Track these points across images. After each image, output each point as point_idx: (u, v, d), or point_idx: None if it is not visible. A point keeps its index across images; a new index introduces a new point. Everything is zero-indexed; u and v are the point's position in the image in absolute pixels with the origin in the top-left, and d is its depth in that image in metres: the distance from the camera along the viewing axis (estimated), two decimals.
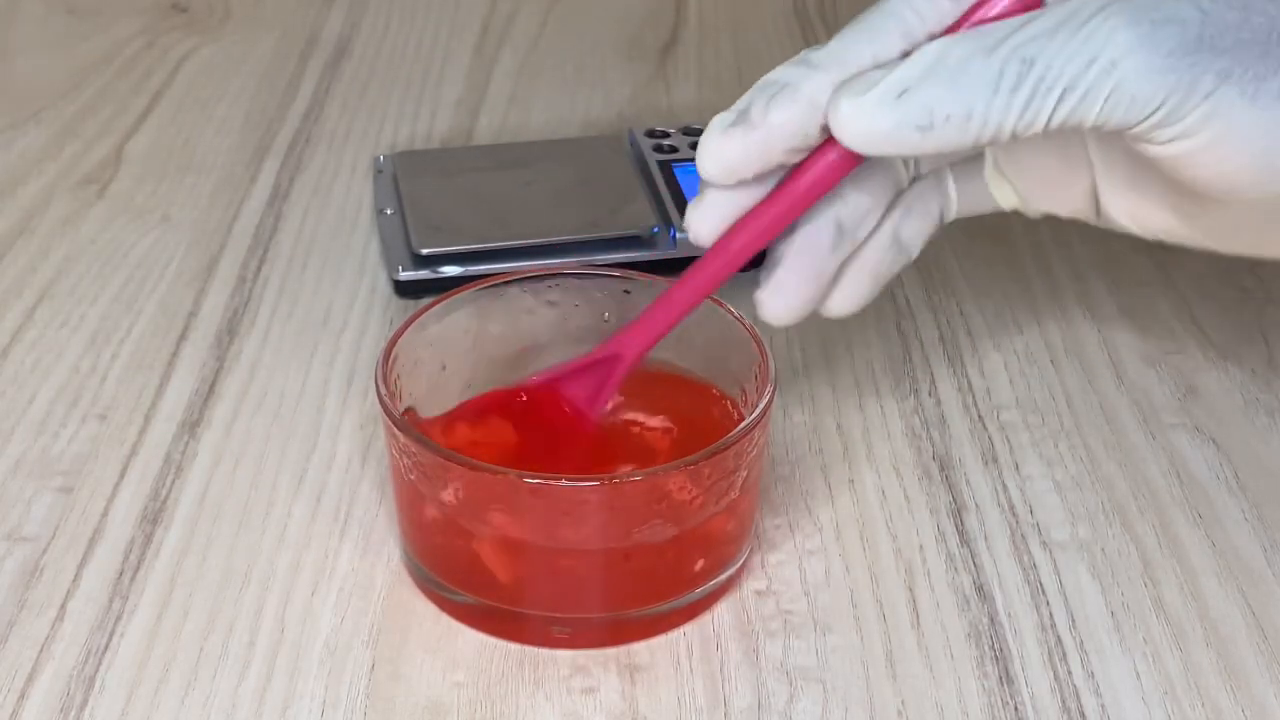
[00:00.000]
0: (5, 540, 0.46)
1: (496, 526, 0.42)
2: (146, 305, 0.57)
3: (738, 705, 0.41)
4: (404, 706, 0.41)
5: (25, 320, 0.56)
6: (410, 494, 0.43)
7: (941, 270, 0.59)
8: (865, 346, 0.55)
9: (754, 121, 0.39)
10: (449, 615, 0.44)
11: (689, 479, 0.42)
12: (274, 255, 0.60)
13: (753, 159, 0.40)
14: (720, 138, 0.40)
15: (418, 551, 0.44)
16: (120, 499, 0.48)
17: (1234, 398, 0.52)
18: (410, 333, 0.45)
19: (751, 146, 0.40)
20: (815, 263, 0.43)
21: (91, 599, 0.44)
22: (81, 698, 0.41)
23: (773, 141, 0.39)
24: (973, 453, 0.50)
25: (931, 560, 0.45)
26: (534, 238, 0.57)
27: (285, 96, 0.72)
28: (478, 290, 0.47)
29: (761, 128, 0.39)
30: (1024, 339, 0.55)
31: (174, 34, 0.78)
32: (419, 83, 0.73)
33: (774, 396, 0.43)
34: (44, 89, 0.72)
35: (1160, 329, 0.55)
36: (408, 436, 0.42)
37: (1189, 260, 0.59)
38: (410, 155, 0.64)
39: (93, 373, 0.53)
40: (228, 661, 0.42)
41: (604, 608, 0.43)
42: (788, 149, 0.40)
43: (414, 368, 0.46)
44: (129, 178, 0.65)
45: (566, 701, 0.41)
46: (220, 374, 0.53)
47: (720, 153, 0.40)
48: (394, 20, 0.79)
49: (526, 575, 0.43)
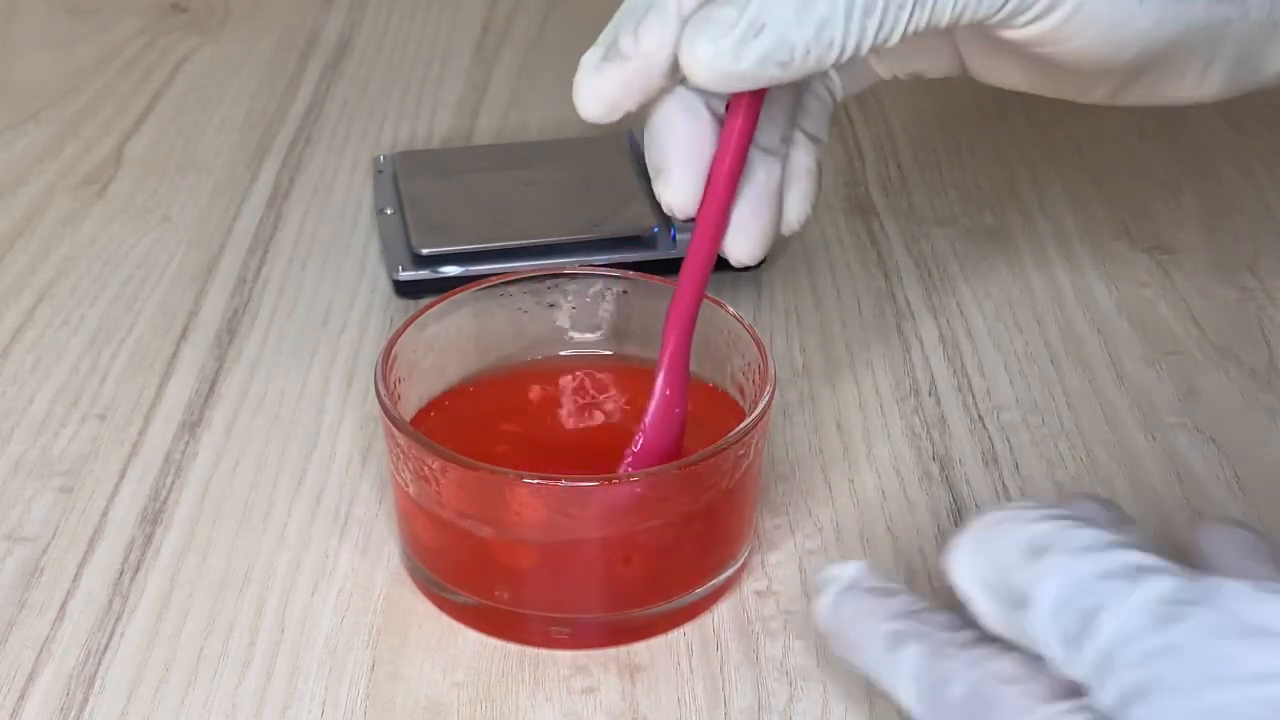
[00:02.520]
0: (5, 540, 0.46)
1: (496, 526, 0.42)
2: (146, 305, 0.57)
3: (738, 705, 0.41)
4: (404, 707, 0.41)
5: (25, 320, 0.56)
6: (409, 495, 0.43)
7: (941, 270, 0.59)
8: (865, 346, 0.55)
9: (626, 52, 0.39)
10: (449, 616, 0.44)
11: (689, 479, 0.42)
12: (274, 255, 0.60)
13: (634, 90, 0.39)
14: (595, 76, 0.39)
15: (417, 552, 0.44)
16: (120, 499, 0.48)
17: (1234, 398, 0.52)
18: (410, 333, 0.45)
19: (631, 79, 0.39)
20: (761, 192, 0.43)
21: (91, 599, 0.44)
22: (81, 698, 0.41)
23: (651, 69, 0.39)
24: (973, 453, 0.50)
25: (932, 560, 0.45)
26: (534, 238, 0.57)
27: (285, 96, 0.72)
28: (477, 290, 0.47)
29: (636, 56, 0.39)
30: (1024, 339, 0.55)
31: (174, 34, 0.78)
32: (419, 83, 0.73)
33: (773, 396, 0.43)
34: (44, 89, 0.72)
35: (1160, 329, 0.55)
36: (407, 437, 0.42)
37: (1189, 260, 0.59)
38: (410, 155, 0.64)
39: (93, 373, 0.53)
40: (227, 662, 0.42)
41: (604, 608, 0.43)
42: (666, 71, 0.39)
43: (414, 368, 0.46)
44: (129, 178, 0.65)
45: (566, 701, 0.41)
46: (220, 374, 0.53)
47: (599, 91, 0.40)
48: (394, 20, 0.79)
49: (526, 575, 0.43)
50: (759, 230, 0.43)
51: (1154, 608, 0.32)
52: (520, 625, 0.43)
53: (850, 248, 0.60)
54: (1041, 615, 0.33)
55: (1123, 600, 0.32)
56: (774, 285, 0.58)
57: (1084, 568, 0.33)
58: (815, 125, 0.45)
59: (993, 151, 0.67)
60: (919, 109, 0.70)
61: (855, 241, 0.61)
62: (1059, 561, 0.34)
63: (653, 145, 0.42)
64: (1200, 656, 0.31)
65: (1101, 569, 0.33)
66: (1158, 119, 0.69)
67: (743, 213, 0.43)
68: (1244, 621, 0.31)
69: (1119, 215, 0.62)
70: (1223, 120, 0.69)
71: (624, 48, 0.39)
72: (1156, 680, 0.31)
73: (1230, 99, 0.44)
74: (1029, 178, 0.65)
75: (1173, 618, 0.31)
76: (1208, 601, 0.31)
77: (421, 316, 0.46)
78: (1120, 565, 0.33)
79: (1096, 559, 0.33)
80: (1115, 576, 0.33)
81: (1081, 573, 0.33)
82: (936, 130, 0.68)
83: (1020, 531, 0.35)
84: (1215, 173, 0.65)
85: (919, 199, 0.63)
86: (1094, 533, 0.34)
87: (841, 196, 0.64)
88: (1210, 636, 0.31)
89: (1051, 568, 0.34)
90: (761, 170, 0.43)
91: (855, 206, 0.63)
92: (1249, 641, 0.30)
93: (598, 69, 0.39)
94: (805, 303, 0.57)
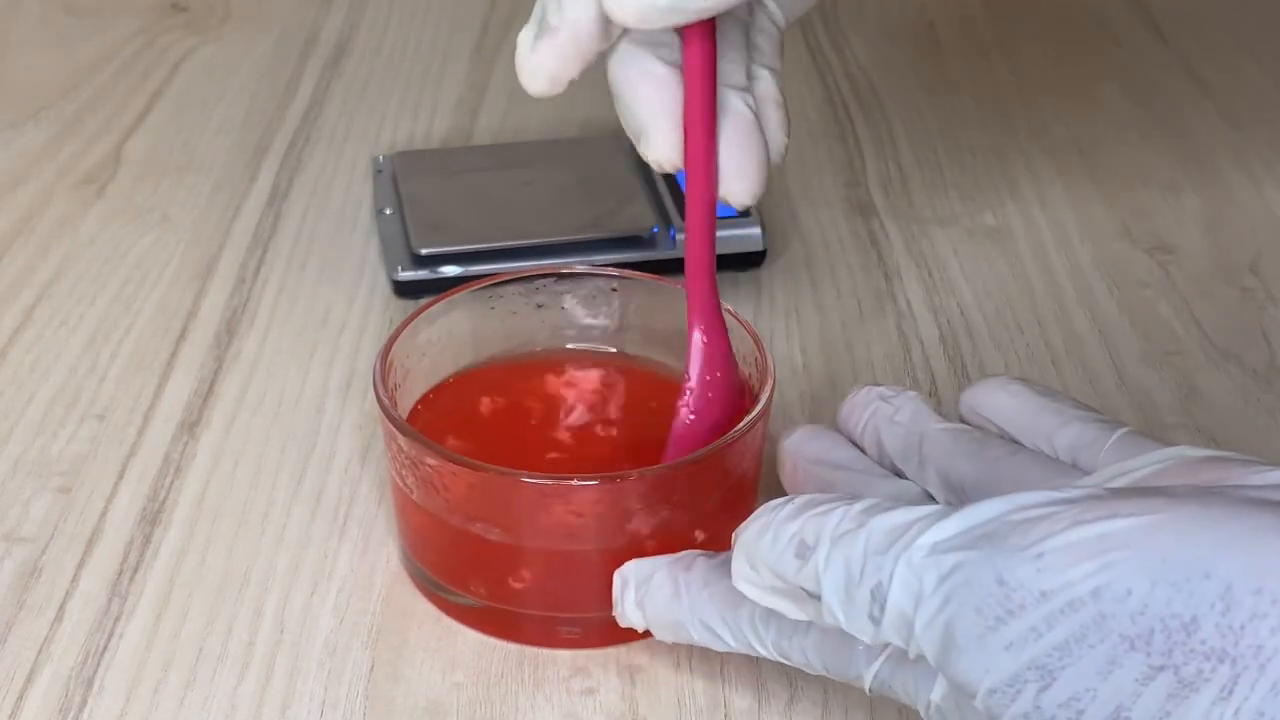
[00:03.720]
0: (4, 541, 0.46)
1: (500, 526, 0.42)
2: (145, 305, 0.57)
3: (738, 706, 0.41)
4: (403, 707, 0.41)
5: (24, 320, 0.56)
6: (409, 495, 0.43)
7: (941, 270, 0.59)
8: (865, 346, 0.55)
9: (554, 24, 0.40)
10: (451, 618, 0.43)
11: (691, 477, 0.41)
12: (273, 255, 0.60)
13: (569, 59, 0.40)
14: (532, 54, 0.40)
15: (418, 554, 0.44)
16: (119, 499, 0.48)
17: (1235, 398, 0.52)
18: (408, 333, 0.45)
19: (564, 47, 0.40)
20: (742, 125, 0.42)
21: (90, 600, 0.44)
22: (80, 698, 0.41)
23: (580, 34, 0.40)
24: None
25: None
26: (534, 238, 0.57)
27: (284, 96, 0.72)
28: (476, 290, 0.47)
29: (564, 25, 0.40)
30: (1024, 339, 0.55)
31: (173, 34, 0.78)
32: (419, 83, 0.73)
33: (774, 392, 0.43)
34: (43, 89, 0.72)
35: (1161, 329, 0.55)
36: (407, 437, 0.42)
37: (1190, 260, 0.59)
38: (410, 155, 0.64)
39: (91, 373, 0.53)
40: (226, 662, 0.42)
41: (606, 607, 0.43)
42: (597, 34, 0.40)
43: (413, 368, 0.46)
44: (128, 178, 0.65)
45: (566, 702, 0.41)
46: (219, 374, 0.53)
47: (538, 68, 0.40)
48: (394, 20, 0.79)
49: (528, 575, 0.43)
50: (752, 165, 0.43)
51: (929, 563, 0.32)
52: (523, 626, 0.43)
53: (850, 248, 0.60)
54: (835, 608, 0.34)
55: (898, 567, 0.33)
56: (774, 285, 0.58)
57: (853, 550, 0.34)
58: (769, 58, 0.45)
59: (993, 151, 0.67)
60: (919, 109, 0.70)
61: (855, 241, 0.61)
62: (828, 554, 0.34)
63: (623, 113, 0.42)
64: (987, 594, 0.31)
65: (870, 545, 0.34)
66: (1158, 119, 0.69)
67: (730, 151, 0.42)
68: (1016, 547, 0.31)
69: (1119, 215, 0.62)
70: (1223, 120, 0.69)
71: (551, 21, 0.40)
72: (957, 629, 0.32)
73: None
74: (1029, 178, 0.65)
75: (949, 566, 0.32)
76: (979, 537, 0.32)
77: (420, 316, 0.46)
78: (884, 532, 0.33)
79: (860, 537, 0.34)
80: (882, 549, 0.33)
81: (853, 555, 0.34)
82: (936, 130, 0.68)
83: (782, 533, 0.35)
84: (1216, 173, 0.65)
85: (919, 199, 0.63)
86: (850, 508, 0.35)
87: (841, 196, 0.64)
88: (990, 572, 0.32)
89: (824, 561, 0.34)
90: (735, 104, 0.43)
91: (855, 206, 0.63)
92: (1027, 565, 0.31)
93: (533, 47, 0.40)
94: (805, 303, 0.57)
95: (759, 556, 0.36)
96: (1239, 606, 0.29)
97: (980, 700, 0.32)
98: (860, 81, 0.73)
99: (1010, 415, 0.43)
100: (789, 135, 0.45)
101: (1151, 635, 0.30)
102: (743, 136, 0.42)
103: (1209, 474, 0.36)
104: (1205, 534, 0.30)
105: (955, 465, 0.42)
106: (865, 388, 0.46)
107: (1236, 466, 0.35)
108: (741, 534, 0.37)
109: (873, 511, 0.34)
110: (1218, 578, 0.30)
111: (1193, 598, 0.30)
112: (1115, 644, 0.30)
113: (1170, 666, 0.30)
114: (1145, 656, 0.30)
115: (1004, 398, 0.43)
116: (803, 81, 0.73)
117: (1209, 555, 0.30)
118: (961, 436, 0.43)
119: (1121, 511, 0.31)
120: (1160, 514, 0.31)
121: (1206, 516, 0.31)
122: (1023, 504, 0.32)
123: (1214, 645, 0.29)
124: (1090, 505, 0.32)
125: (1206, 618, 0.29)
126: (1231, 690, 0.29)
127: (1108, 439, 0.41)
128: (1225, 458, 0.36)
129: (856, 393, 0.46)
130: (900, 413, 0.44)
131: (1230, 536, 0.30)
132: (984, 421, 0.44)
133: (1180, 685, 0.30)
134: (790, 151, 0.45)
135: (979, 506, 0.33)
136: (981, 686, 0.32)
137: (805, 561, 0.35)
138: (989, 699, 0.32)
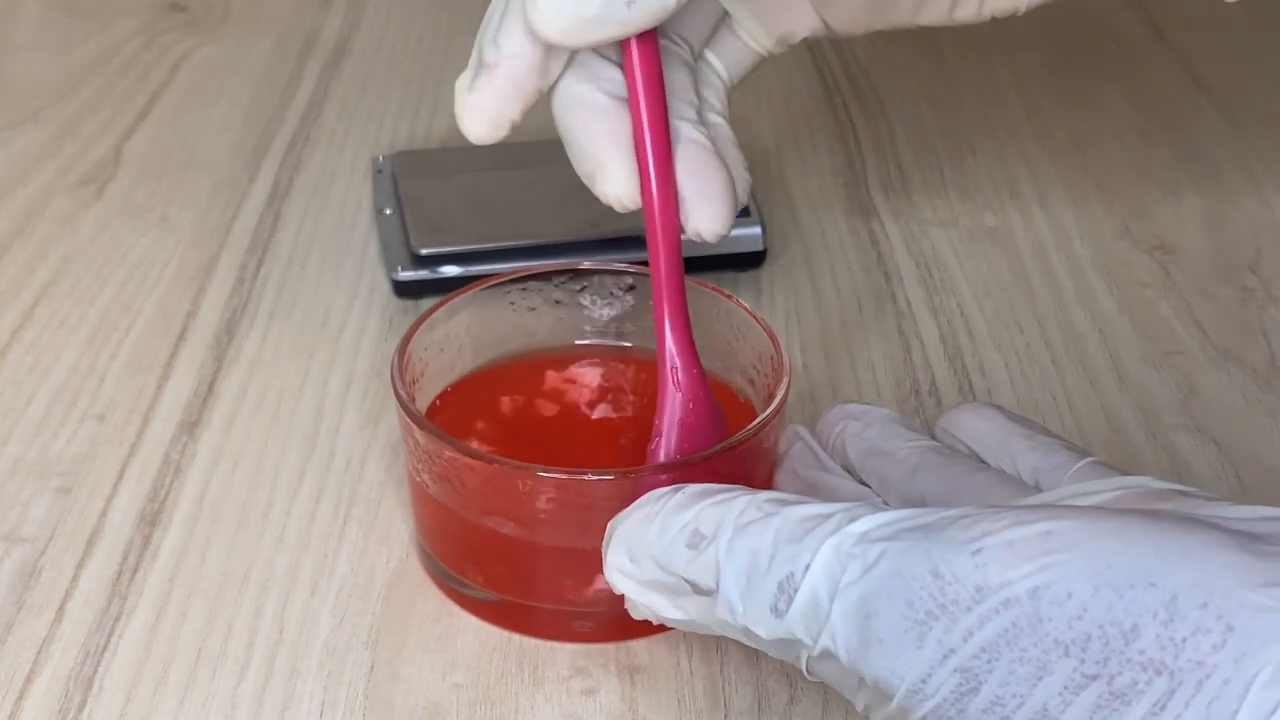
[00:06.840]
0: (3, 541, 0.46)
1: (512, 520, 0.42)
2: (145, 305, 0.57)
3: (738, 707, 0.41)
4: (403, 707, 0.41)
5: (24, 320, 0.56)
6: (426, 489, 0.43)
7: (941, 270, 0.59)
8: (865, 346, 0.55)
9: (491, 62, 0.39)
10: (466, 611, 0.43)
11: (709, 473, 0.41)
12: (273, 255, 0.60)
13: (509, 98, 0.39)
14: (471, 96, 0.39)
15: (434, 547, 0.44)
16: (119, 500, 0.48)
17: (1235, 398, 0.52)
18: (423, 330, 0.45)
19: (503, 87, 0.39)
20: (701, 153, 0.41)
21: (90, 600, 0.44)
22: (80, 699, 0.41)
23: (519, 71, 0.39)
24: None
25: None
26: (533, 238, 0.57)
27: (284, 96, 0.72)
28: (493, 286, 0.47)
29: (501, 62, 0.39)
30: (1024, 339, 0.55)
31: (172, 34, 0.78)
32: (418, 82, 0.73)
33: (789, 388, 0.43)
34: (42, 89, 0.72)
35: (1161, 329, 0.55)
36: (424, 431, 0.42)
37: (1190, 260, 0.59)
38: (409, 155, 0.64)
39: (91, 373, 0.53)
40: (226, 663, 0.42)
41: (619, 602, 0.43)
42: (536, 69, 0.39)
43: (430, 362, 0.46)
44: (127, 178, 0.65)
45: (566, 702, 0.41)
46: (219, 374, 0.53)
47: (478, 109, 0.39)
48: (393, 20, 0.79)
49: (542, 569, 0.43)
50: (716, 190, 0.41)
51: (858, 550, 0.31)
52: (541, 619, 0.43)
53: (850, 248, 0.60)
54: (734, 600, 0.33)
55: (821, 554, 0.32)
56: (774, 285, 0.58)
57: (761, 539, 0.33)
58: (719, 109, 0.44)
59: (993, 151, 0.67)
60: (919, 109, 0.70)
61: (855, 241, 0.61)
62: (729, 543, 0.33)
63: (573, 154, 0.41)
64: (919, 586, 0.30)
65: (782, 534, 0.32)
66: (1158, 119, 0.69)
67: (690, 180, 0.41)
68: (954, 540, 0.30)
69: (1119, 215, 0.62)
70: (1223, 120, 0.69)
71: (488, 59, 0.39)
72: (882, 622, 0.31)
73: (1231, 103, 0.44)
74: (1029, 178, 0.65)
75: (878, 554, 0.31)
76: (915, 528, 0.31)
77: (437, 312, 0.46)
78: (798, 521, 0.32)
79: (770, 525, 0.33)
80: (796, 538, 0.32)
81: (760, 544, 0.33)
82: (936, 130, 0.68)
83: (672, 522, 0.34)
84: (1216, 173, 0.65)
85: (919, 199, 0.63)
86: (755, 497, 0.34)
87: (841, 196, 0.64)
88: (925, 563, 0.30)
89: (725, 550, 0.33)
90: (689, 133, 0.41)
91: (855, 206, 0.63)
92: (964, 559, 0.30)
93: (471, 87, 0.39)
94: (805, 303, 0.57)
95: (641, 547, 0.34)
96: (1183, 619, 0.28)
97: (899, 700, 0.30)
98: (860, 81, 0.73)
99: (980, 437, 0.42)
100: (750, 174, 0.44)
101: (1088, 641, 0.29)
102: (701, 163, 0.41)
103: (1169, 505, 0.34)
104: (1153, 543, 0.29)
105: (917, 478, 0.41)
106: (838, 405, 0.45)
107: (1199, 501, 0.33)
108: (621, 523, 0.35)
109: (783, 502, 0.33)
110: (1164, 587, 0.28)
111: (1135, 605, 0.28)
112: (1048, 649, 0.29)
113: (1104, 676, 0.28)
114: (1079, 664, 0.29)
115: (976, 421, 0.43)
116: (803, 81, 0.73)
117: (1156, 564, 0.29)
118: (929, 453, 0.42)
119: (1068, 515, 0.30)
120: (1108, 521, 0.30)
121: (1157, 527, 0.30)
122: (967, 509, 0.31)
123: (1152, 656, 0.28)
124: (1036, 509, 0.31)
125: (1148, 627, 0.28)
126: (1165, 705, 0.28)
127: (1073, 465, 0.40)
128: (1188, 492, 0.34)
129: (829, 411, 0.45)
130: (869, 429, 0.44)
131: (1180, 548, 0.29)
132: (955, 443, 0.43)
133: (1112, 697, 0.28)
134: (790, 151, 0.45)
135: (920, 509, 0.32)
136: (902, 685, 0.30)
137: (699, 552, 0.33)
138: (909, 699, 0.30)
